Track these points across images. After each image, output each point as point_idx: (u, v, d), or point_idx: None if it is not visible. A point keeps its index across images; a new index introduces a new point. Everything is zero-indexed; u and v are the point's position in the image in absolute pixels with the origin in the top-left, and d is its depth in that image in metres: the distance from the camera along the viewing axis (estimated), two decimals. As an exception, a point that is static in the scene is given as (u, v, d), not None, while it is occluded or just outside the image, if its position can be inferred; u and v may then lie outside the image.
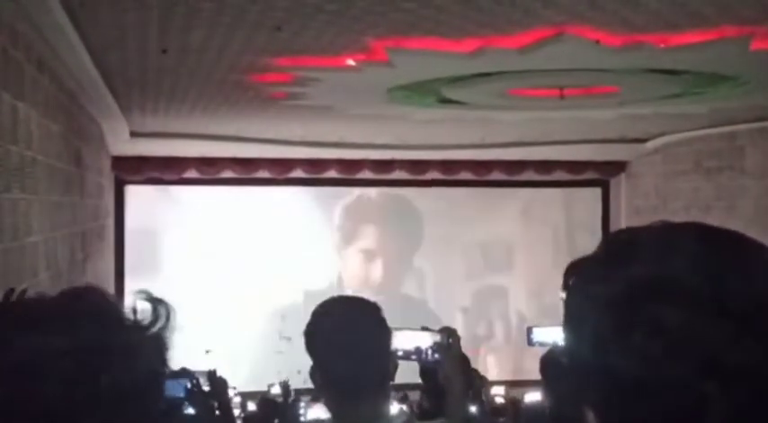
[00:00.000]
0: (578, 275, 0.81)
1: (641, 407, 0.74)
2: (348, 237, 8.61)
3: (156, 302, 0.90)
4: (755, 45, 3.69)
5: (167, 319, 0.90)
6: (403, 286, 8.79)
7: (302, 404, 5.56)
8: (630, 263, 0.76)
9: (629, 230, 0.82)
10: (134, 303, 0.89)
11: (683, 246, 0.76)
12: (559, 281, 0.81)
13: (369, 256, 8.63)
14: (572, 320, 0.80)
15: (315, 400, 4.91)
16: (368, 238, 8.66)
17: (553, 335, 3.61)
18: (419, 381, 3.10)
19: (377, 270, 8.64)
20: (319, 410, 5.16)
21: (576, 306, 0.80)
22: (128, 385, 0.85)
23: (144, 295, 0.90)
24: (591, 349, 0.76)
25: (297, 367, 5.42)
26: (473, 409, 2.54)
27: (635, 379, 0.73)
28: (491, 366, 8.64)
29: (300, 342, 1.77)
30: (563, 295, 0.82)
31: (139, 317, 0.89)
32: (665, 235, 0.79)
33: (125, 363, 0.86)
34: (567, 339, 0.81)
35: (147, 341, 0.88)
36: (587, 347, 0.77)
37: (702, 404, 0.71)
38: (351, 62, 4.04)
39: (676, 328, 0.72)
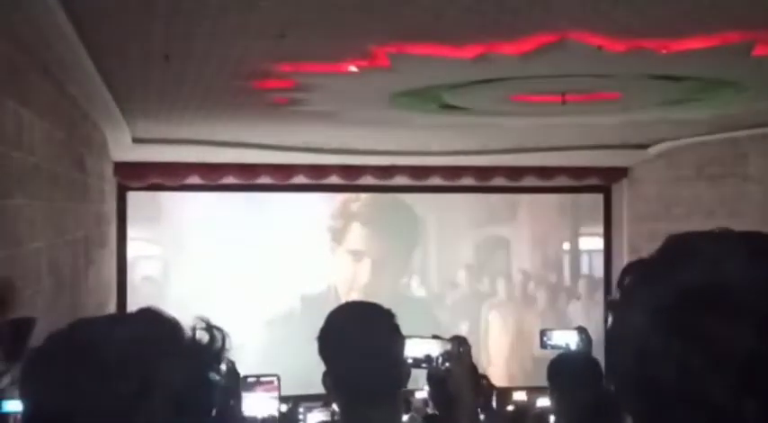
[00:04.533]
0: (631, 278, 0.80)
1: (681, 419, 0.72)
2: (339, 236, 8.60)
3: (213, 328, 1.01)
4: (757, 51, 3.69)
5: (223, 342, 1.01)
6: (400, 283, 8.79)
7: (301, 409, 5.56)
8: (682, 270, 0.74)
9: (686, 236, 0.79)
10: (193, 326, 1.00)
11: (738, 256, 0.74)
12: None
13: (358, 255, 8.61)
14: (619, 325, 0.79)
15: (326, 404, 4.90)
16: (358, 233, 8.63)
17: (566, 338, 3.56)
18: (415, 386, 3.10)
19: (374, 267, 8.63)
20: (319, 416, 5.15)
21: (624, 310, 0.78)
22: (182, 390, 0.93)
23: (203, 323, 1.01)
24: (634, 355, 0.75)
25: (294, 373, 5.43)
26: (482, 417, 2.54)
27: (674, 389, 0.72)
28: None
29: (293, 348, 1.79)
30: (616, 296, 0.81)
31: (198, 337, 1.00)
32: (721, 244, 0.77)
33: (181, 372, 0.94)
34: (612, 344, 0.80)
35: (204, 356, 0.98)
36: (631, 353, 0.75)
37: (741, 421, 0.69)
38: (353, 68, 4.05)
39: (720, 341, 0.70)
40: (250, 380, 3.76)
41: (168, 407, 0.91)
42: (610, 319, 0.80)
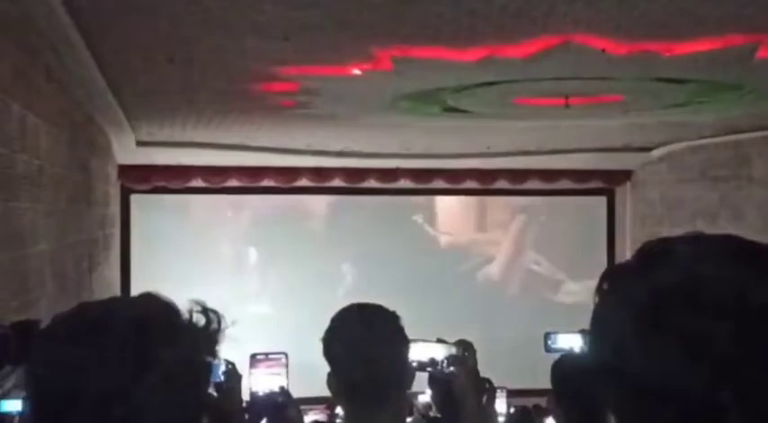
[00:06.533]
0: (610, 281, 0.83)
1: (658, 412, 0.75)
2: (348, 239, 8.60)
3: (209, 311, 1.05)
4: (761, 54, 3.69)
5: (219, 323, 1.04)
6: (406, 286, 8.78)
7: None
8: (658, 269, 0.78)
9: (663, 240, 0.83)
10: (190, 309, 1.04)
11: (712, 256, 0.77)
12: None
13: (365, 258, 8.61)
14: (598, 323, 0.82)
15: (329, 407, 4.90)
16: (366, 237, 8.65)
17: (571, 341, 3.53)
18: (418, 389, 3.10)
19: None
20: (315, 417, 5.17)
21: (603, 309, 0.82)
22: (178, 370, 0.97)
23: (198, 306, 1.04)
24: (614, 352, 0.78)
25: (298, 375, 5.43)
26: (485, 419, 2.55)
27: (653, 384, 0.74)
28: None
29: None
30: (596, 299, 0.84)
31: (194, 320, 1.04)
32: (696, 245, 0.80)
33: (177, 353, 0.98)
34: (591, 341, 0.83)
35: (200, 337, 1.02)
36: (611, 350, 0.78)
37: (718, 414, 0.72)
38: (357, 71, 4.05)
39: (696, 337, 0.73)
40: (259, 357, 3.82)
41: (164, 386, 0.94)
42: (590, 320, 0.84)
